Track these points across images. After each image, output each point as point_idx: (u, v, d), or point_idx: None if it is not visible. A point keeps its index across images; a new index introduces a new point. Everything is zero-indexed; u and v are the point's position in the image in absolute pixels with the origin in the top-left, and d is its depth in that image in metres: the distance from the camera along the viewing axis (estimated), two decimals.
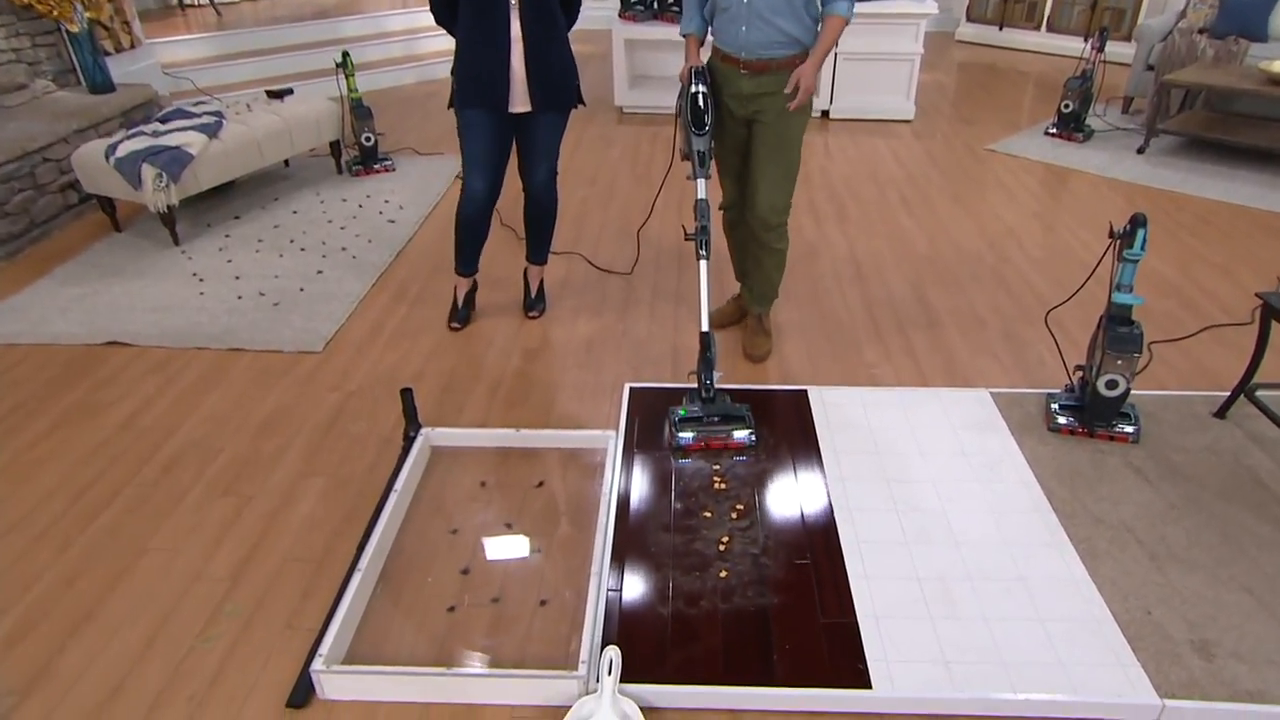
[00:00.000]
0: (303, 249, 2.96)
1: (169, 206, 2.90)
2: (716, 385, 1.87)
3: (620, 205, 3.31)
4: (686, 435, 1.79)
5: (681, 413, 1.84)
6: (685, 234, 1.95)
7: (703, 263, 1.92)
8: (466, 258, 2.37)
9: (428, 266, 2.83)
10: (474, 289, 2.48)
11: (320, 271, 2.78)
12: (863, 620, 1.45)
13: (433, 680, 1.34)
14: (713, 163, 1.99)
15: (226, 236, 3.06)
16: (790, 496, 1.73)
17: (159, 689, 1.37)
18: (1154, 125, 3.75)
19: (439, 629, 1.46)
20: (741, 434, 1.80)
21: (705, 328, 1.88)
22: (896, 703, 1.33)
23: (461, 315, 2.42)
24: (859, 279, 2.72)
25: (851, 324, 2.45)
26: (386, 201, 3.35)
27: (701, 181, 1.95)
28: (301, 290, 2.66)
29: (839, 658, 1.38)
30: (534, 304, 2.47)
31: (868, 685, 1.33)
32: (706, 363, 1.87)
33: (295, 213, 3.26)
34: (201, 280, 2.74)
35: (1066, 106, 3.96)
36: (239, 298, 2.63)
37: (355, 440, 1.97)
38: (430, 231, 3.10)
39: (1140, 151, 3.78)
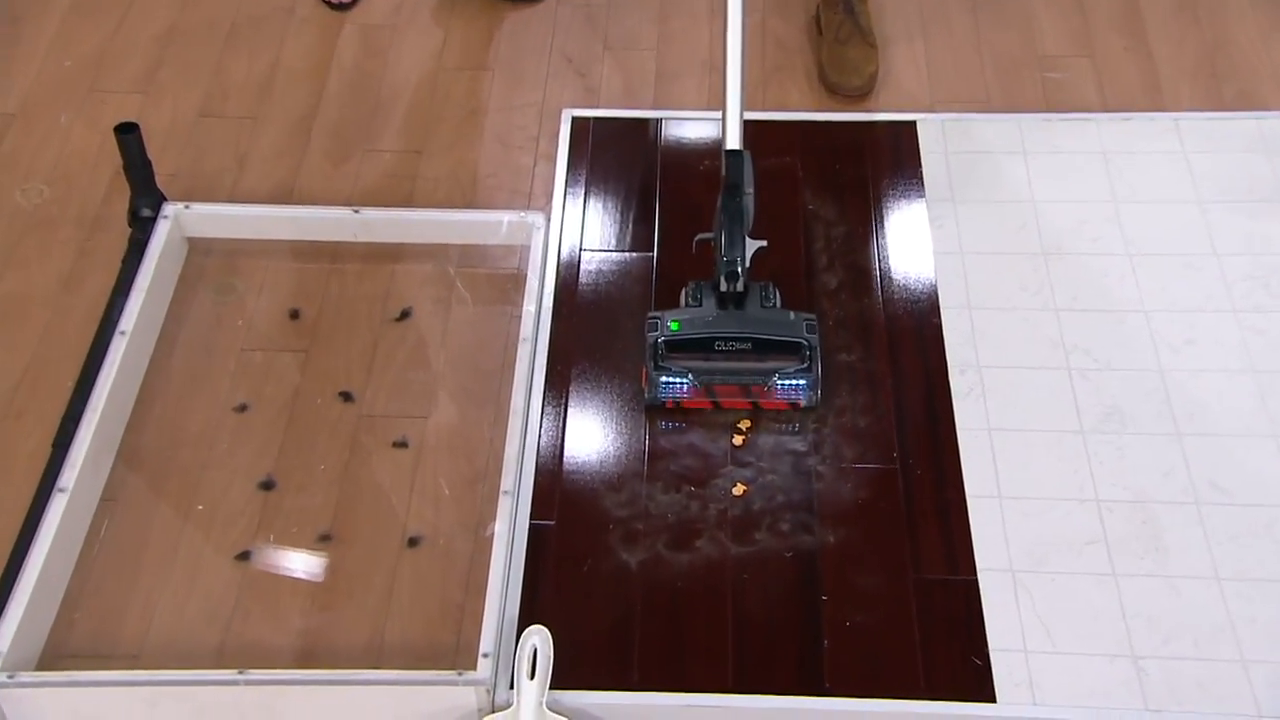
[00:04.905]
0: None
1: None
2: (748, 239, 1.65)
3: None
4: (675, 380, 1.62)
5: (673, 326, 1.65)
6: None
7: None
8: None
9: None
10: None
11: None
12: (987, 578, 1.47)
13: (213, 692, 1.36)
14: None
15: None
16: (866, 342, 1.73)
17: None
18: None
19: (222, 595, 1.50)
20: (792, 383, 1.62)
21: (734, 144, 1.67)
22: None
23: None
24: None
25: None
26: None
27: None
28: None
29: (942, 646, 1.41)
30: None
31: (990, 697, 1.36)
32: (732, 215, 1.64)
33: None
34: None
35: None
36: None
37: (30, 222, 1.92)
38: None
39: None
